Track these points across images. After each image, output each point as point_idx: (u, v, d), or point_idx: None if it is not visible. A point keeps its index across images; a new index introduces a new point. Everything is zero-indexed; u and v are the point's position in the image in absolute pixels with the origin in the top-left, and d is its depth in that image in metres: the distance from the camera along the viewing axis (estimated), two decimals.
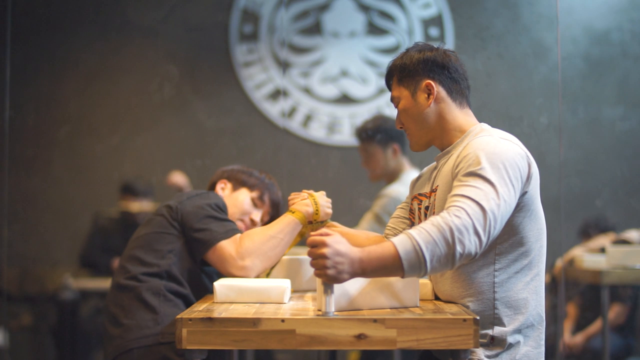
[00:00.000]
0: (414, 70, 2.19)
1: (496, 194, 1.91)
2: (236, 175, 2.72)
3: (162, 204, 2.53)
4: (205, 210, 2.41)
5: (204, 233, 2.36)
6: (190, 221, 2.39)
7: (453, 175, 2.04)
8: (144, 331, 2.27)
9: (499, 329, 2.04)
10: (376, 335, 1.82)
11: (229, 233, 2.37)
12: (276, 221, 2.42)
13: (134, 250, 2.43)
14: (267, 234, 2.36)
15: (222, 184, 2.70)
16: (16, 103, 4.65)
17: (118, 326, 2.31)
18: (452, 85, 2.20)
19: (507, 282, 2.05)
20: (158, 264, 2.37)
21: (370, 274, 1.85)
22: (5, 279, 4.72)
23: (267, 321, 1.84)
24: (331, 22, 5.13)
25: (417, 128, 2.21)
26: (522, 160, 2.02)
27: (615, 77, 4.93)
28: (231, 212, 2.61)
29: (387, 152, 4.00)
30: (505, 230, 2.03)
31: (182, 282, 2.38)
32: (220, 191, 2.68)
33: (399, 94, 2.23)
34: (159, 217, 2.45)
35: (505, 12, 4.94)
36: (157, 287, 2.33)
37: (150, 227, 2.46)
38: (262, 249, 2.33)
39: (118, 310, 2.34)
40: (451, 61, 2.20)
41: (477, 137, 2.09)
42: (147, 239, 2.42)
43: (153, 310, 2.30)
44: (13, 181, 4.71)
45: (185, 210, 2.42)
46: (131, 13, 5.04)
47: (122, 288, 2.37)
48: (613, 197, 4.83)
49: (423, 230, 1.85)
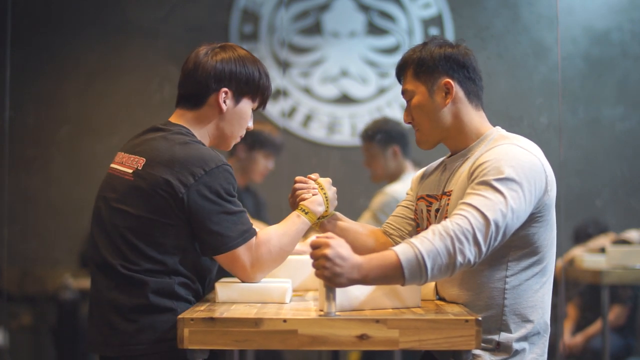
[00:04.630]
0: (433, 66, 2.12)
1: (505, 205, 1.89)
2: (239, 77, 2.25)
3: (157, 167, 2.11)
4: (218, 205, 2.09)
5: (216, 238, 2.10)
6: (202, 220, 2.09)
7: (469, 182, 2.00)
8: (158, 335, 2.09)
9: (505, 335, 2.03)
10: (378, 336, 1.82)
11: (242, 237, 2.12)
12: (291, 227, 2.21)
13: (131, 233, 2.11)
14: (282, 247, 2.17)
15: (223, 92, 2.24)
16: (16, 103, 4.65)
17: (129, 322, 2.10)
18: (470, 85, 2.15)
19: (517, 289, 2.04)
20: (163, 261, 2.11)
21: (370, 280, 1.84)
22: (5, 279, 4.72)
23: (269, 321, 1.84)
24: (331, 22, 5.13)
25: (430, 126, 2.16)
26: (540, 173, 2.00)
27: (615, 77, 4.93)
28: (232, 129, 2.28)
29: (387, 154, 4.01)
30: (521, 241, 2.02)
31: (191, 277, 2.17)
32: (222, 104, 2.24)
33: (414, 89, 2.16)
34: (160, 198, 2.09)
35: (505, 12, 4.94)
36: (169, 289, 2.12)
37: (146, 206, 2.10)
38: (276, 261, 2.18)
39: (124, 299, 2.10)
40: (471, 60, 2.15)
41: (498, 144, 2.05)
42: (146, 225, 2.10)
43: (168, 312, 2.10)
44: (13, 181, 4.70)
45: (195, 203, 2.08)
46: (131, 13, 5.04)
47: (126, 278, 2.11)
48: (613, 197, 4.83)
49: (425, 239, 1.84)
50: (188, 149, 2.14)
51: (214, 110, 2.26)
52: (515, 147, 2.02)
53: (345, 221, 2.34)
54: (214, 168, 2.11)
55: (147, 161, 2.15)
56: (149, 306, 2.11)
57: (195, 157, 2.12)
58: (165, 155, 2.13)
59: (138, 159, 2.17)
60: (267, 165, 4.17)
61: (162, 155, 2.13)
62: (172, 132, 2.21)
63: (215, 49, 2.31)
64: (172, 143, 2.16)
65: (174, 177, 2.09)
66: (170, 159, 2.11)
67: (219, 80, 2.24)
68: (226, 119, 2.27)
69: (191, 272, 2.17)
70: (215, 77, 2.24)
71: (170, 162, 2.11)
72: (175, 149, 2.14)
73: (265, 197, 4.44)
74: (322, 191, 2.28)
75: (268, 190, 4.49)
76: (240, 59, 2.29)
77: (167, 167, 2.10)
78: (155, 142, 2.18)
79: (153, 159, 2.14)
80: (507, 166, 1.95)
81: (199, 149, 2.15)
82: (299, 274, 2.42)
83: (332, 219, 2.31)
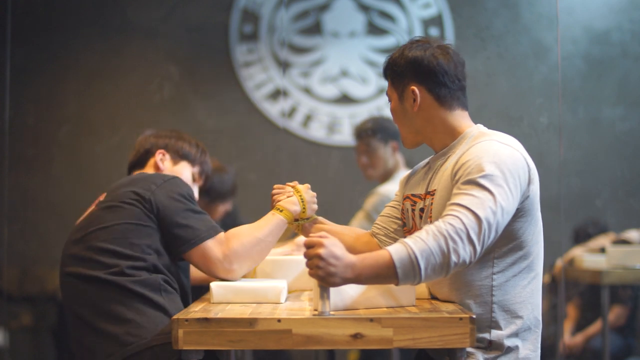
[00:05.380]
0: (401, 73, 2.16)
1: (494, 202, 1.90)
2: (175, 145, 2.54)
3: (120, 189, 2.32)
4: (183, 203, 2.24)
5: (186, 230, 2.21)
6: (170, 215, 2.22)
7: (453, 182, 2.01)
8: (159, 327, 2.16)
9: (496, 333, 2.03)
10: (372, 335, 1.82)
11: (211, 231, 2.23)
12: (264, 222, 2.30)
13: (105, 242, 2.22)
14: (256, 236, 2.25)
15: (160, 154, 2.51)
16: (16, 103, 4.65)
17: (119, 323, 2.16)
18: (440, 90, 2.13)
19: (505, 286, 2.05)
20: (142, 257, 2.20)
21: (363, 280, 1.85)
22: (5, 279, 4.73)
23: (264, 321, 1.84)
24: (331, 22, 5.13)
25: (405, 130, 2.20)
26: (523, 166, 2.00)
27: (615, 77, 4.93)
28: None
29: (387, 149, 4.03)
30: (505, 235, 2.02)
31: (170, 276, 2.25)
32: (159, 163, 2.50)
33: (390, 94, 2.22)
34: (129, 205, 2.24)
35: (505, 12, 4.94)
36: (155, 282, 2.20)
37: (120, 216, 2.24)
38: (250, 253, 2.23)
39: (114, 305, 2.17)
40: (440, 64, 2.12)
41: (477, 142, 2.06)
42: (121, 230, 2.22)
43: (161, 307, 2.18)
44: (13, 181, 4.71)
45: (162, 203, 2.23)
46: (131, 13, 5.04)
47: (109, 283, 2.18)
48: (613, 197, 4.83)
49: (419, 239, 1.84)
50: (144, 174, 2.42)
51: (155, 168, 2.57)
52: (495, 142, 2.03)
53: (327, 224, 2.39)
54: (170, 179, 2.32)
55: (109, 191, 2.37)
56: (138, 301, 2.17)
57: (152, 174, 2.38)
58: (125, 181, 2.37)
59: (99, 198, 2.40)
60: (227, 208, 3.99)
61: (121, 182, 2.38)
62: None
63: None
64: (128, 177, 2.44)
65: (137, 187, 2.29)
66: (131, 180, 2.36)
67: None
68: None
69: (170, 273, 2.26)
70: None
71: (131, 182, 2.34)
72: (132, 176, 2.42)
73: (264, 199, 4.44)
74: (297, 193, 2.38)
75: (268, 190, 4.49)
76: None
77: (129, 185, 2.33)
78: (113, 184, 2.44)
79: (114, 188, 2.37)
80: (490, 162, 1.95)
81: (154, 172, 2.46)
82: (294, 273, 2.43)
83: (312, 223, 2.38)
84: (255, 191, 4.43)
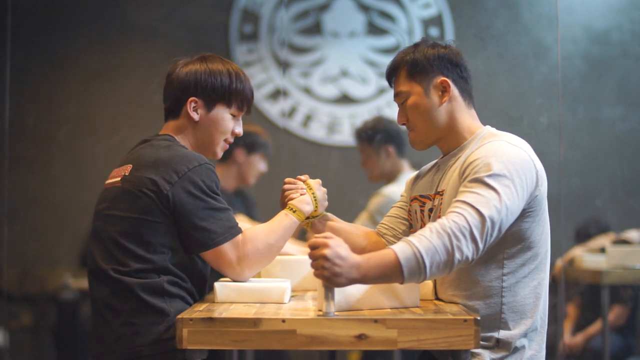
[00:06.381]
0: (428, 66, 2.16)
1: (499, 201, 1.91)
2: (205, 85, 2.30)
3: (143, 169, 2.19)
4: (203, 200, 2.15)
5: (202, 233, 2.14)
6: (187, 215, 2.14)
7: (460, 180, 2.03)
8: (155, 336, 2.11)
9: (505, 332, 2.03)
10: (377, 336, 1.82)
11: (229, 233, 2.16)
12: (278, 225, 2.24)
13: (121, 236, 2.16)
14: (270, 243, 2.20)
15: (192, 102, 2.31)
16: (16, 103, 4.65)
17: (125, 325, 2.13)
18: (463, 84, 2.19)
19: (515, 287, 2.05)
20: (152, 259, 2.15)
21: (369, 280, 1.85)
22: (5, 279, 4.72)
23: (268, 321, 1.84)
24: (331, 22, 5.13)
25: (426, 126, 2.18)
26: (530, 167, 2.02)
27: (615, 77, 4.93)
28: (210, 136, 2.33)
29: (381, 154, 4.02)
30: (514, 236, 2.03)
31: (182, 275, 2.19)
32: (193, 114, 2.30)
33: (409, 89, 2.18)
34: (146, 197, 2.15)
35: (505, 12, 4.94)
36: (159, 287, 2.14)
37: (135, 208, 2.16)
38: (263, 259, 2.20)
39: (118, 304, 2.14)
40: (463, 60, 2.20)
41: (487, 142, 2.08)
42: (135, 225, 2.15)
43: (162, 313, 2.13)
44: (13, 181, 4.71)
45: (180, 201, 2.13)
46: (131, 13, 5.04)
47: (117, 282, 2.15)
48: (613, 197, 4.83)
49: (423, 237, 1.85)
50: (172, 151, 2.23)
51: (189, 119, 2.33)
52: (504, 143, 2.04)
53: (337, 221, 2.38)
54: (196, 166, 2.18)
55: (134, 166, 2.23)
56: (141, 307, 2.14)
57: (179, 157, 2.20)
58: (150, 159, 2.21)
59: (126, 167, 2.26)
60: (263, 167, 4.18)
61: (147, 159, 2.22)
62: (157, 140, 2.30)
63: (188, 61, 2.38)
64: (157, 148, 2.25)
65: (159, 176, 2.16)
66: (155, 161, 2.20)
67: (186, 91, 2.32)
68: (201, 127, 2.34)
69: (182, 272, 2.21)
70: (182, 88, 2.32)
71: (155, 163, 2.19)
72: (159, 152, 2.22)
73: (263, 198, 4.44)
74: (310, 191, 2.32)
75: (267, 190, 4.49)
76: (207, 67, 2.35)
77: (152, 168, 2.18)
78: (142, 150, 2.28)
79: (139, 163, 2.23)
80: (498, 162, 1.97)
81: (182, 151, 2.24)
82: (298, 274, 2.42)
83: (322, 220, 2.35)
84: (255, 191, 4.43)
